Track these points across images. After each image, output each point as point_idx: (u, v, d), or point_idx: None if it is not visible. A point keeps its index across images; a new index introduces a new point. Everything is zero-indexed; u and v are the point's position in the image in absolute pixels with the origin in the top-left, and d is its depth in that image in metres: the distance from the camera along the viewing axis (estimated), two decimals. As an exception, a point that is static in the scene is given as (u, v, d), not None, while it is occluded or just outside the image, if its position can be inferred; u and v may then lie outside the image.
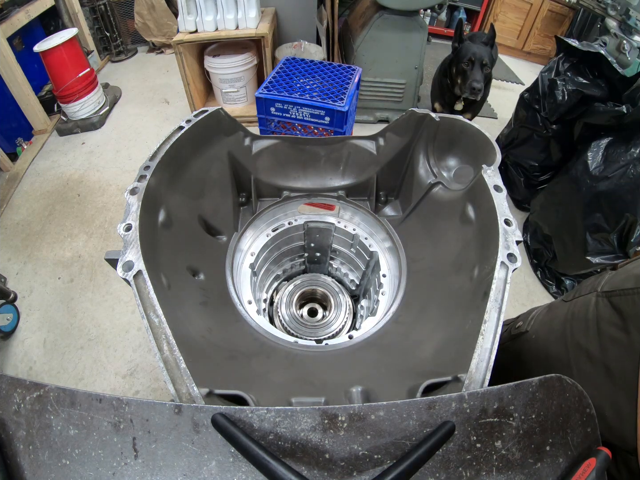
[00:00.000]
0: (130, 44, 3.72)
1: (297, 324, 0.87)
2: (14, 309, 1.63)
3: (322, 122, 1.65)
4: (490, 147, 0.69)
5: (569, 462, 0.37)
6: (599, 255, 1.53)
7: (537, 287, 1.86)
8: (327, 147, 0.90)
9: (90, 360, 1.54)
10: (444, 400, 0.37)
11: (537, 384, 0.38)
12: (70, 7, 2.91)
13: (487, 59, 1.73)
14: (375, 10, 2.27)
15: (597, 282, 0.62)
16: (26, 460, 0.37)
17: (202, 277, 0.73)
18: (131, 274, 0.50)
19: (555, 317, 0.68)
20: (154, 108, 2.92)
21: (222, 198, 0.86)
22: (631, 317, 0.51)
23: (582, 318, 0.60)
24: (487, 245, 0.58)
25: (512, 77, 3.69)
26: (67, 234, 2.01)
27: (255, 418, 0.36)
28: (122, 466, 0.36)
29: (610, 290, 0.57)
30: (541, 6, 3.64)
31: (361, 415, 0.36)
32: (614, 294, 0.55)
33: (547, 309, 0.75)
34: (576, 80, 1.67)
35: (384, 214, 0.93)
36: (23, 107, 2.47)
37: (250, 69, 2.56)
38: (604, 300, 0.57)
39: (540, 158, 1.96)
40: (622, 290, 0.54)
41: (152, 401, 0.37)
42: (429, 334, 0.62)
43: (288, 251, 1.01)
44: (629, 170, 1.40)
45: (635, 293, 0.52)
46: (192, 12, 2.28)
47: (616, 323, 0.53)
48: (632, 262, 0.61)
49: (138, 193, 0.59)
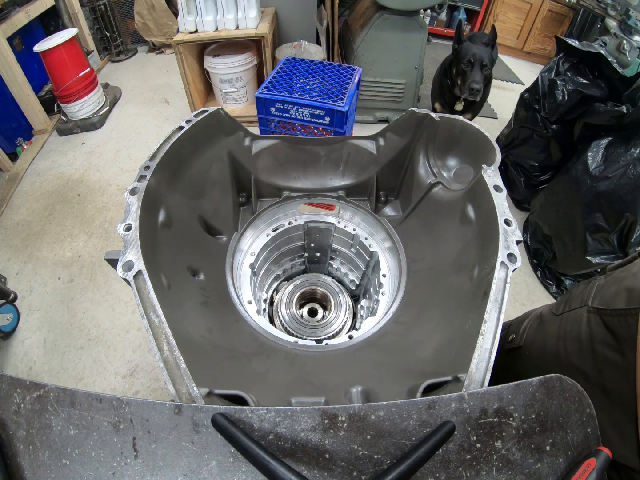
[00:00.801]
0: (130, 44, 3.72)
1: (297, 324, 0.87)
2: (14, 309, 1.63)
3: (322, 122, 1.65)
4: (490, 147, 0.69)
5: (569, 462, 0.37)
6: (599, 255, 1.53)
7: (537, 287, 1.86)
8: (327, 147, 0.90)
9: (90, 360, 1.54)
10: (444, 400, 0.37)
11: (537, 384, 0.38)
12: (70, 7, 2.91)
13: (486, 60, 1.73)
14: (375, 10, 2.27)
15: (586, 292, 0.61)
16: (26, 460, 0.37)
17: (202, 277, 0.73)
18: (131, 274, 0.50)
19: (547, 333, 0.67)
20: (154, 108, 2.92)
21: (222, 198, 0.86)
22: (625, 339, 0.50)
23: (575, 337, 0.58)
24: (487, 245, 0.58)
25: (512, 77, 3.69)
26: (67, 234, 2.01)
27: (255, 418, 0.36)
28: (122, 466, 0.36)
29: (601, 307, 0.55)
30: (541, 6, 3.64)
31: (361, 415, 0.36)
32: (606, 313, 0.54)
33: (539, 322, 0.72)
34: (576, 80, 1.67)
35: (384, 214, 0.93)
36: (23, 107, 2.48)
37: (250, 69, 2.56)
38: (595, 317, 0.56)
39: (540, 158, 1.96)
40: (613, 310, 0.53)
41: (152, 401, 0.37)
42: (429, 334, 0.62)
43: (288, 251, 1.01)
44: (629, 170, 1.40)
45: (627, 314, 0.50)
46: (192, 12, 2.28)
47: (610, 344, 0.52)
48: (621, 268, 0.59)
49: (138, 193, 0.59)
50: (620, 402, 0.50)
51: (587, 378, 0.55)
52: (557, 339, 0.62)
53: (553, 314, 0.68)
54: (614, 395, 0.51)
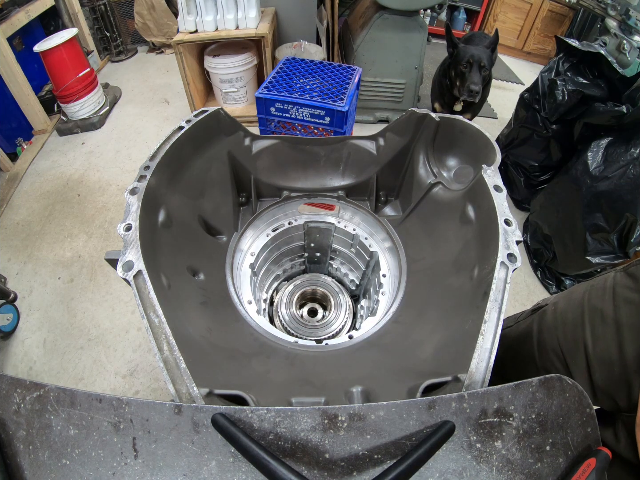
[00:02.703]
0: (130, 44, 3.72)
1: (297, 324, 0.87)
2: (14, 309, 1.63)
3: (322, 122, 1.65)
4: (490, 147, 0.69)
5: (569, 462, 0.37)
6: (599, 255, 1.53)
7: (537, 287, 1.86)
8: (327, 147, 0.90)
9: (90, 360, 1.54)
10: (444, 400, 0.37)
11: (537, 384, 0.38)
12: (70, 7, 2.91)
13: (485, 61, 1.73)
14: (375, 10, 2.27)
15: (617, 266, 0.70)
16: (26, 460, 0.37)
17: (202, 277, 0.73)
18: (131, 274, 0.50)
19: (576, 290, 0.74)
20: (154, 108, 2.92)
21: (222, 198, 0.86)
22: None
23: (601, 286, 0.66)
24: (487, 245, 0.58)
25: (512, 77, 3.69)
26: (67, 234, 2.01)
27: (255, 418, 0.36)
28: (122, 466, 0.36)
29: (628, 265, 0.64)
30: (541, 6, 3.64)
31: (361, 415, 0.36)
32: (631, 265, 0.63)
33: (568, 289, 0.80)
34: (576, 80, 1.67)
35: (384, 214, 0.93)
36: (23, 107, 2.47)
37: (250, 69, 2.56)
38: (621, 272, 0.64)
39: (540, 158, 1.96)
40: (637, 260, 0.62)
41: (152, 401, 0.37)
42: (429, 334, 0.62)
43: (288, 251, 1.01)
44: (629, 170, 1.40)
45: None
46: (192, 12, 2.28)
47: (630, 286, 0.60)
48: None
49: (138, 193, 0.59)
50: (630, 337, 0.57)
51: (604, 317, 0.62)
52: (584, 292, 0.70)
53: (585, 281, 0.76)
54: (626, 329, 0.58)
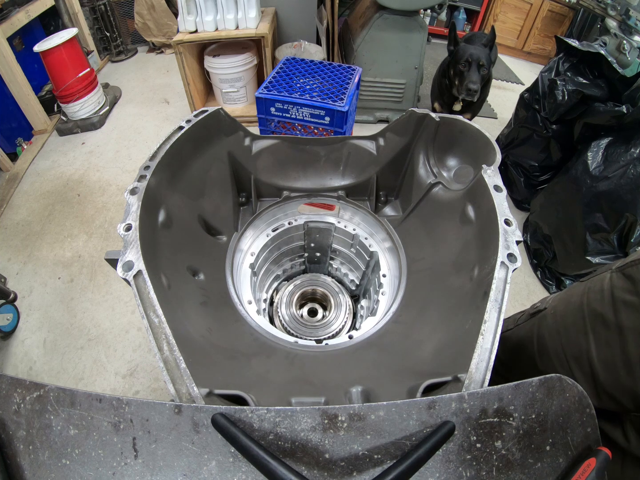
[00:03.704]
0: (130, 44, 3.72)
1: (297, 324, 0.87)
2: (14, 309, 1.63)
3: (322, 122, 1.65)
4: (490, 147, 0.69)
5: (569, 462, 0.37)
6: (599, 255, 1.53)
7: (537, 287, 1.86)
8: (327, 147, 0.90)
9: (90, 360, 1.54)
10: (444, 400, 0.37)
11: (537, 384, 0.38)
12: (70, 7, 2.91)
13: (484, 60, 1.73)
14: (375, 10, 2.27)
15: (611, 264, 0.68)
16: (26, 460, 0.37)
17: (202, 277, 0.73)
18: (131, 274, 0.50)
19: (573, 293, 0.73)
20: (154, 108, 2.92)
21: (222, 198, 0.86)
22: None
23: (598, 289, 0.65)
24: (487, 245, 0.58)
25: (512, 77, 3.69)
26: (67, 234, 2.01)
27: (255, 418, 0.36)
28: (122, 466, 0.36)
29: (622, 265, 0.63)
30: (541, 6, 3.64)
31: (361, 415, 0.36)
32: (627, 266, 0.62)
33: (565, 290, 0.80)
34: (576, 80, 1.67)
35: (384, 214, 0.93)
36: (23, 107, 2.48)
37: (250, 69, 2.56)
38: (617, 273, 0.63)
39: (540, 158, 1.96)
40: (632, 261, 0.60)
41: (152, 401, 0.37)
42: (429, 334, 0.62)
43: (288, 251, 1.01)
44: (629, 170, 1.40)
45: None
46: (192, 12, 2.28)
47: (628, 289, 0.59)
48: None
49: (138, 193, 0.59)
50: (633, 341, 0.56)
51: (606, 322, 0.61)
52: (582, 295, 0.69)
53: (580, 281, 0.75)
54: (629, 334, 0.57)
